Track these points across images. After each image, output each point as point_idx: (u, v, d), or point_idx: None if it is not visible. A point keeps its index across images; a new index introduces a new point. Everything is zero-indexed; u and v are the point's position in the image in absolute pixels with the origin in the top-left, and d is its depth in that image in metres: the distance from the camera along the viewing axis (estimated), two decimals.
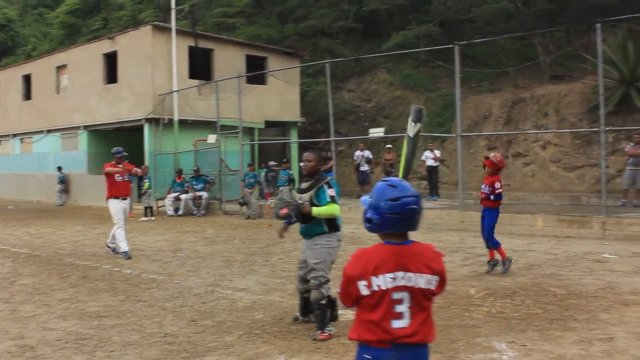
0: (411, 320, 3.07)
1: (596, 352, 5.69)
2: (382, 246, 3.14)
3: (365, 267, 3.08)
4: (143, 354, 5.91)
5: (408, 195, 3.10)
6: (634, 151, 16.75)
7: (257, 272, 10.22)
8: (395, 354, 3.04)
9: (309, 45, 31.27)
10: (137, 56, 23.96)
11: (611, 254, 11.15)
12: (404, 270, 3.07)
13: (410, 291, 3.07)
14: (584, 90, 21.30)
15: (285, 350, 5.91)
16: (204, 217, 20.73)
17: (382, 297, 3.05)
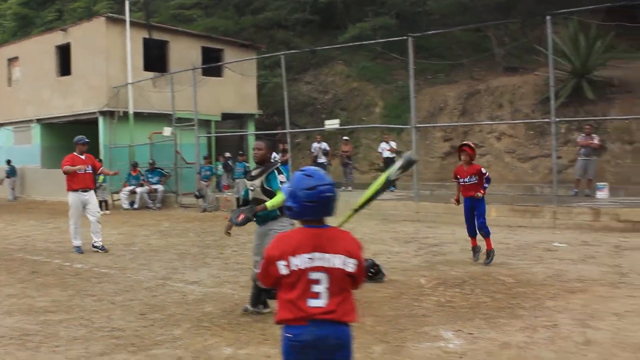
0: (328, 300, 3.22)
1: (540, 338, 5.78)
2: (301, 229, 3.34)
3: (285, 248, 3.25)
4: (89, 348, 5.83)
5: (323, 183, 3.30)
6: (585, 142, 17.05)
7: (210, 264, 10.16)
8: (312, 330, 3.18)
9: (266, 38, 31.13)
10: (90, 48, 23.56)
11: (561, 242, 11.36)
12: (321, 252, 3.23)
13: (327, 272, 3.22)
14: (537, 82, 21.61)
15: (234, 342, 5.89)
16: (159, 210, 20.55)
17: (299, 276, 3.22)
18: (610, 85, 19.94)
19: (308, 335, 3.19)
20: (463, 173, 9.57)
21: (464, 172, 9.56)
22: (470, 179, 9.47)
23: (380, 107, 26.56)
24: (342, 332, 3.27)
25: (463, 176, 9.56)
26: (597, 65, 20.30)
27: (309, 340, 3.20)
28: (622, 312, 6.56)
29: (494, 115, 22.40)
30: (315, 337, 3.19)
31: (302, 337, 3.20)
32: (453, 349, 5.56)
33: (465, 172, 9.55)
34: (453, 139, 23.40)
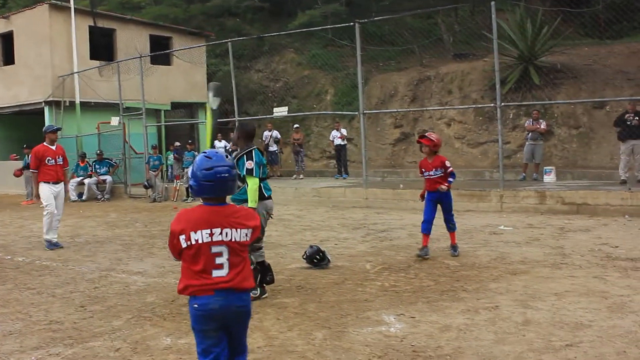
0: (229, 270, 3.55)
1: (481, 320, 5.81)
2: (201, 207, 3.64)
3: (185, 224, 3.55)
4: (24, 342, 5.68)
5: (220, 165, 3.58)
6: (532, 127, 17.28)
7: (156, 254, 10.02)
8: (218, 299, 3.50)
9: (215, 25, 30.80)
10: (34, 36, 22.97)
11: (507, 225, 11.49)
12: (221, 227, 3.55)
13: (227, 245, 3.55)
14: (485, 68, 21.78)
15: (174, 332, 5.80)
16: (108, 201, 20.24)
17: (199, 249, 3.51)
18: (556, 71, 20.21)
19: (214, 304, 3.50)
20: (428, 166, 8.94)
21: (429, 164, 8.93)
22: (435, 172, 8.84)
23: (331, 95, 26.52)
24: (244, 298, 3.62)
25: (428, 169, 8.93)
26: (543, 51, 20.55)
27: (216, 309, 3.51)
28: (562, 292, 6.65)
29: (444, 101, 22.54)
30: (220, 306, 3.51)
31: (208, 307, 3.50)
32: (394, 332, 5.56)
33: (430, 165, 8.91)
34: (403, 126, 23.51)
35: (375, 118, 23.99)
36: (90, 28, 23.47)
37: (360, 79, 15.99)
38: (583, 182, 16.21)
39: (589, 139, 19.18)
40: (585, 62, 20.52)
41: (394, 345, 5.22)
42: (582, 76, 19.96)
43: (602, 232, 10.51)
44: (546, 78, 19.82)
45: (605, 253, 8.70)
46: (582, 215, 12.43)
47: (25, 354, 5.34)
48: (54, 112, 22.77)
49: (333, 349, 5.18)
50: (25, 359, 5.23)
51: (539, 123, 17.25)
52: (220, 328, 3.59)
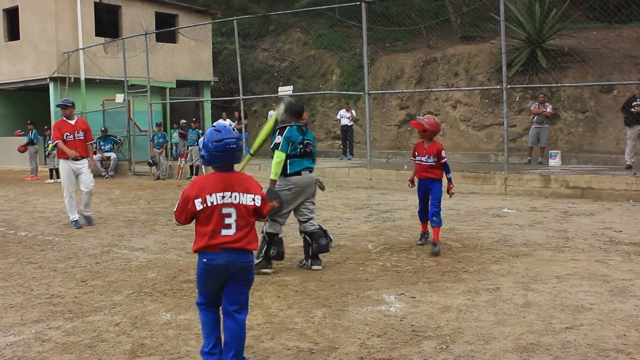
0: (237, 230, 4.07)
1: (481, 301, 5.80)
2: (214, 174, 4.17)
3: (199, 190, 4.06)
4: (24, 315, 5.69)
5: (229, 137, 4.08)
6: (538, 110, 17.19)
7: (158, 231, 10.03)
8: (223, 256, 4.04)
9: (222, 4, 30.70)
10: (39, 12, 22.92)
11: (510, 208, 11.46)
12: (231, 191, 4.08)
13: (235, 207, 4.07)
14: (492, 50, 21.64)
15: (173, 308, 5.80)
16: (112, 178, 20.26)
17: (213, 210, 4.03)
18: (564, 54, 20.06)
19: (220, 260, 4.05)
20: (422, 150, 8.21)
21: (423, 149, 8.20)
22: (427, 159, 8.10)
23: (337, 75, 26.42)
24: (247, 257, 4.16)
25: (421, 154, 8.20)
26: (551, 34, 20.40)
27: (221, 264, 4.06)
28: (564, 275, 6.63)
29: (450, 83, 22.43)
30: (226, 262, 4.05)
31: (215, 262, 4.06)
32: (394, 312, 5.55)
33: (424, 150, 8.17)
34: (409, 107, 23.43)
35: (381, 99, 23.90)
36: (96, 4, 23.42)
37: (366, 59, 15.89)
38: (588, 166, 16.16)
39: (596, 124, 19.08)
40: (593, 45, 20.36)
41: (394, 324, 5.21)
42: (590, 60, 19.82)
43: (606, 216, 10.47)
44: (553, 61, 19.68)
45: (609, 237, 8.67)
46: (586, 200, 12.40)
47: (26, 327, 5.35)
48: (59, 88, 22.77)
49: (332, 327, 5.18)
50: (26, 331, 5.23)
51: (545, 106, 17.16)
52: (221, 281, 4.12)
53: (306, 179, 7.15)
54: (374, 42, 23.07)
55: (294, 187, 7.06)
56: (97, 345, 4.89)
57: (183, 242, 8.98)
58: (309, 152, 7.19)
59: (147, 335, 5.09)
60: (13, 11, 24.16)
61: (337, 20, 27.58)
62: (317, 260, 7.21)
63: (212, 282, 4.13)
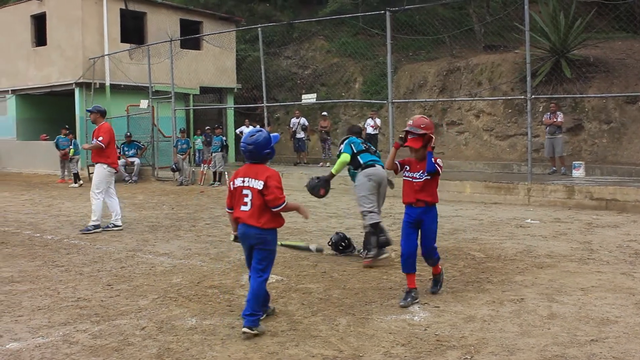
0: (251, 207, 5.27)
1: (505, 312, 5.79)
2: (245, 165, 5.45)
3: (234, 176, 5.43)
4: (52, 318, 5.77)
5: (245, 142, 5.38)
6: (548, 120, 17.13)
7: (182, 237, 10.10)
8: (241, 227, 5.34)
9: (246, 11, 30.87)
10: (66, 18, 23.20)
11: (534, 219, 11.41)
12: (248, 177, 5.31)
13: (250, 190, 5.28)
14: (516, 60, 21.59)
15: (198, 313, 5.85)
16: (136, 183, 20.41)
17: (236, 191, 5.36)
18: (588, 64, 19.96)
19: (240, 230, 5.37)
20: (414, 164, 6.25)
21: (416, 164, 6.24)
22: (422, 175, 6.15)
23: (360, 83, 26.46)
24: (260, 232, 5.26)
25: (414, 169, 6.22)
26: (576, 44, 20.30)
27: (241, 234, 5.38)
28: (589, 287, 6.59)
29: (473, 92, 22.39)
30: (243, 232, 5.34)
31: (239, 232, 5.40)
32: (418, 321, 5.55)
33: (417, 165, 6.21)
34: (432, 116, 23.38)
35: (404, 108, 23.90)
36: (122, 11, 23.63)
37: (390, 67, 15.90)
38: (613, 177, 16.03)
39: (620, 135, 18.94)
40: (618, 56, 20.24)
41: (418, 333, 5.22)
42: (615, 70, 19.70)
43: (631, 228, 10.39)
44: (578, 71, 19.58)
45: (634, 250, 8.60)
46: (610, 211, 12.30)
47: (54, 329, 5.42)
48: (84, 93, 23.00)
49: (357, 335, 5.19)
50: (54, 334, 5.31)
51: (556, 116, 17.06)
52: (247, 247, 5.38)
53: (381, 172, 8.04)
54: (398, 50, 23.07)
55: (372, 176, 7.97)
56: (123, 348, 4.94)
57: (207, 248, 9.04)
58: (373, 150, 8.31)
59: (172, 339, 5.14)
60: (41, 17, 24.47)
61: (360, 28, 27.65)
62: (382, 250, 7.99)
63: (245, 248, 5.44)
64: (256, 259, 5.30)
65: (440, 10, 26.48)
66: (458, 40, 24.70)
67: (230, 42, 25.94)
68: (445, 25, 27.09)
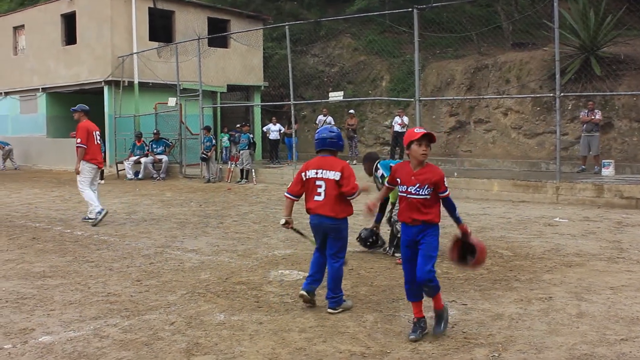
0: (325, 197, 5.68)
1: (534, 310, 5.76)
2: (317, 157, 5.86)
3: (305, 167, 5.83)
4: (83, 312, 5.85)
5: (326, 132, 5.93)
6: (586, 118, 16.94)
7: (210, 234, 10.18)
8: (314, 217, 5.78)
9: (273, 9, 30.92)
10: (96, 17, 23.47)
11: (562, 217, 11.32)
12: (322, 169, 5.72)
13: (325, 180, 5.68)
14: (545, 57, 21.37)
15: (227, 309, 5.90)
16: (163, 180, 20.58)
17: (310, 182, 5.74)
18: (619, 62, 19.71)
19: (314, 220, 5.80)
20: (408, 177, 5.13)
21: (411, 175, 5.12)
22: (420, 191, 5.07)
23: (386, 81, 26.41)
24: (333, 221, 5.70)
25: (408, 182, 5.11)
26: (606, 42, 20.06)
27: (315, 224, 5.81)
28: (618, 286, 6.54)
29: (501, 90, 22.22)
30: (317, 222, 5.77)
31: (312, 222, 5.84)
32: None
33: (413, 177, 5.10)
34: (459, 114, 23.29)
35: (431, 106, 23.81)
36: (150, 9, 23.84)
37: (417, 65, 15.85)
38: None
39: None
40: None
41: (446, 331, 5.21)
42: None
43: None
44: (608, 69, 19.35)
45: None
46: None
47: (85, 323, 5.50)
48: (113, 91, 23.24)
49: (384, 332, 5.21)
50: (85, 328, 5.39)
51: (594, 113, 16.88)
52: (321, 235, 5.81)
53: None
54: (425, 48, 22.99)
55: None
56: (153, 343, 5.00)
57: (234, 245, 9.10)
58: None
59: (201, 334, 5.19)
60: (70, 16, 24.78)
61: (387, 26, 27.59)
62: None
63: (316, 236, 5.87)
64: (332, 246, 5.77)
65: (468, 8, 26.30)
66: (486, 37, 24.53)
67: (258, 40, 26.04)
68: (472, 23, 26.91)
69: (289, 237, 9.47)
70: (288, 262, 7.95)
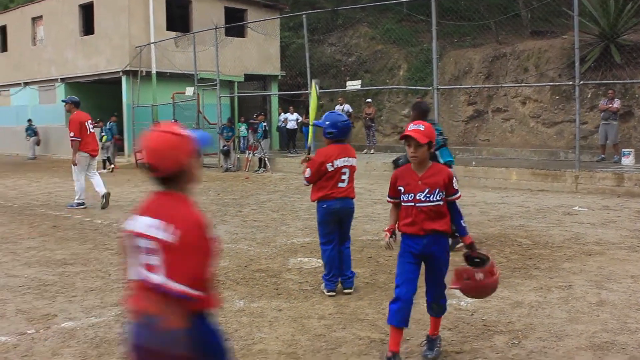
0: (348, 183, 5.93)
1: (553, 298, 5.75)
2: (333, 145, 5.96)
3: (325, 157, 5.87)
4: (104, 299, 5.92)
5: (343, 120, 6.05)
6: (604, 106, 16.80)
7: (228, 222, 10.23)
8: (339, 202, 5.88)
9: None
10: (113, 7, 23.55)
11: (582, 206, 11.25)
12: (347, 157, 5.94)
13: (349, 168, 5.93)
14: (564, 45, 21.19)
15: (246, 296, 5.94)
16: None
17: (337, 170, 5.85)
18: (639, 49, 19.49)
19: (337, 205, 5.88)
20: (414, 182, 4.34)
21: (417, 180, 4.35)
22: (430, 197, 4.33)
23: (404, 70, 26.31)
24: (353, 204, 6.07)
25: (414, 188, 4.34)
26: (627, 29, 19.85)
27: (338, 208, 5.88)
28: (639, 275, 6.50)
29: (519, 79, 22.06)
30: (341, 206, 5.90)
31: (334, 206, 5.86)
32: (465, 306, 5.55)
33: (420, 182, 4.33)
34: (477, 103, 23.17)
35: (449, 94, 23.70)
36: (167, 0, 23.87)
37: (435, 54, 15.77)
38: None
39: None
40: None
41: (465, 318, 5.22)
42: None
43: None
44: (628, 57, 19.13)
45: None
46: None
47: (106, 310, 5.57)
48: (131, 81, 23.34)
49: None
50: (106, 314, 5.45)
51: (613, 102, 16.72)
52: (336, 222, 5.91)
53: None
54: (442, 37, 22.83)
55: None
56: None
57: (253, 233, 9.14)
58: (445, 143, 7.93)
59: (221, 321, 5.21)
60: (88, 7, 24.88)
61: (405, 14, 27.41)
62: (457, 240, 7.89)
63: (331, 222, 5.91)
64: (346, 230, 6.12)
65: None
66: (504, 26, 24.33)
67: (275, 29, 26.03)
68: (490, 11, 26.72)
69: (307, 226, 9.49)
70: (307, 250, 7.97)
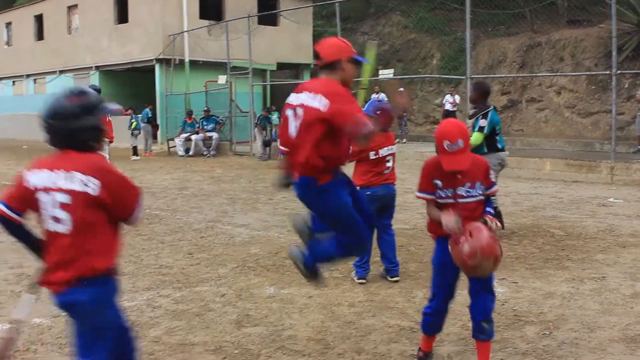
0: (391, 170, 6.08)
1: (586, 289, 5.68)
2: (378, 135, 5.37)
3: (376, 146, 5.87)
4: (136, 283, 5.99)
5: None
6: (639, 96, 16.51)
7: (260, 209, 10.27)
8: (383, 189, 5.99)
9: None
10: None
11: (617, 198, 11.08)
12: (390, 145, 6.04)
13: (392, 155, 6.07)
14: (601, 35, 20.84)
15: (276, 282, 5.97)
16: (214, 157, 20.77)
17: (382, 159, 5.96)
18: None
19: (382, 191, 5.95)
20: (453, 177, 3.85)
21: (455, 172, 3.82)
22: (472, 191, 3.89)
23: (437, 59, 26.12)
24: (394, 190, 6.17)
25: (455, 183, 3.87)
26: None
27: (382, 194, 5.93)
28: None
29: (555, 68, 21.77)
30: (385, 193, 5.99)
31: (378, 193, 5.90)
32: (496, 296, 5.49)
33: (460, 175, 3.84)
34: (511, 93, 22.92)
35: None
36: None
37: (469, 43, 15.61)
38: None
39: None
40: None
41: (495, 308, 5.13)
42: None
43: None
44: None
45: None
46: None
47: (138, 294, 5.64)
48: (164, 69, 23.49)
49: None
50: (138, 298, 5.52)
51: None
52: (379, 208, 5.74)
53: (507, 157, 8.00)
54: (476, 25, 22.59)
55: (502, 162, 7.76)
56: (204, 314, 5.09)
57: (284, 221, 9.14)
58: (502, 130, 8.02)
59: (251, 307, 5.26)
60: None
61: (438, 3, 27.21)
62: None
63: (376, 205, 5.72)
64: (389, 215, 6.19)
65: None
66: (539, 14, 24.00)
67: (307, 18, 25.98)
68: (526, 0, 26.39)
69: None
70: None
